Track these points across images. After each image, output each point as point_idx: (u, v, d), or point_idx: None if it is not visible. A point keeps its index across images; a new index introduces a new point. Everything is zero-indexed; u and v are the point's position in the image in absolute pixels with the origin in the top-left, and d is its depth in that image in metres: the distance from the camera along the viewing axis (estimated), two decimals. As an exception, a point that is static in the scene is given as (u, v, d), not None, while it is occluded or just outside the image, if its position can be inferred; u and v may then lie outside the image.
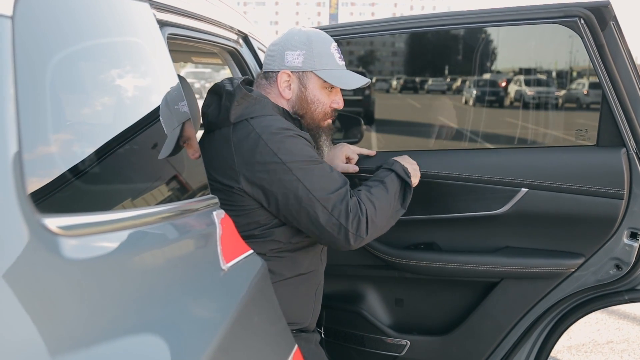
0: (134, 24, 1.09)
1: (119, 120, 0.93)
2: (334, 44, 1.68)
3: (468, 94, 12.86)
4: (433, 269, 2.02)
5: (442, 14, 1.92)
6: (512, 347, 2.04)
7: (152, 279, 0.80)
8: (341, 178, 1.53)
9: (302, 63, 1.63)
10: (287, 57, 1.64)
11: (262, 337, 0.99)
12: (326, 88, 1.65)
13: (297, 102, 1.65)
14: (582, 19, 1.69)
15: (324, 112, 1.67)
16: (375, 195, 1.55)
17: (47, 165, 0.72)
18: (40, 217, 0.66)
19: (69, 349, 0.62)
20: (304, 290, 1.67)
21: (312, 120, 1.66)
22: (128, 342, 0.70)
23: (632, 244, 1.81)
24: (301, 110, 1.65)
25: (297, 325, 1.65)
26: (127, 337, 0.71)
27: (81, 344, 0.64)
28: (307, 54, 1.62)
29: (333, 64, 1.65)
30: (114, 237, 0.78)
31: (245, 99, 1.55)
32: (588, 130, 1.92)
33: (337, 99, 1.69)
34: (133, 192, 0.94)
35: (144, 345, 0.72)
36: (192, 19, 1.61)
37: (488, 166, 1.93)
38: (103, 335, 0.68)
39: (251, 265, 1.11)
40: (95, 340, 0.66)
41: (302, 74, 1.64)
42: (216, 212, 1.11)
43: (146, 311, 0.75)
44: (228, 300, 0.92)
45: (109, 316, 0.70)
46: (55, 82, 0.77)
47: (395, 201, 1.60)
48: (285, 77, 1.64)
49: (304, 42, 1.64)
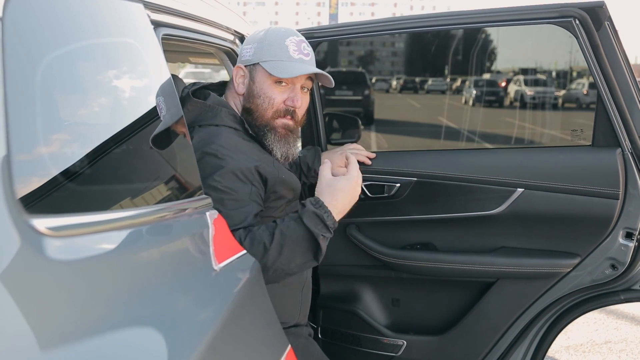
0: (127, 25, 1.09)
1: (110, 121, 0.93)
2: (294, 37, 1.58)
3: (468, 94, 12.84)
4: (429, 269, 2.02)
5: (438, 14, 1.92)
6: (508, 347, 2.04)
7: (142, 280, 0.80)
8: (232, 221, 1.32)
9: (252, 55, 1.59)
10: (243, 52, 1.62)
11: (255, 337, 0.99)
12: (278, 83, 1.56)
13: (247, 96, 1.59)
14: (577, 19, 1.69)
15: (274, 109, 1.56)
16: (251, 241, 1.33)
17: (36, 165, 0.72)
18: (29, 217, 0.66)
19: (56, 349, 0.62)
20: (289, 289, 1.65)
21: (260, 117, 1.57)
22: (117, 342, 0.70)
23: (627, 244, 1.81)
24: (248, 104, 1.58)
25: (285, 324, 1.64)
26: (116, 337, 0.71)
27: (69, 345, 0.64)
28: (257, 47, 1.58)
29: (283, 56, 1.55)
30: (104, 237, 0.78)
31: (194, 106, 1.54)
32: (584, 130, 1.93)
33: (293, 96, 1.57)
34: (124, 192, 0.94)
35: (133, 345, 0.72)
36: (187, 20, 1.61)
37: (484, 166, 1.93)
38: (92, 335, 0.68)
39: (244, 265, 1.11)
40: (84, 341, 0.66)
41: (252, 67, 1.59)
42: (209, 213, 1.11)
43: (135, 311, 0.75)
44: (219, 300, 0.92)
45: (98, 317, 0.70)
46: (46, 83, 0.77)
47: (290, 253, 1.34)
48: (241, 72, 1.61)
49: (258, 36, 1.61)
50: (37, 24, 0.79)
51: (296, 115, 1.59)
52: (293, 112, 1.58)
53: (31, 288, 0.64)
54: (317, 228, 1.34)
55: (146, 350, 0.73)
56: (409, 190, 1.99)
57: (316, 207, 1.36)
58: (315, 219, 1.35)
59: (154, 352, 0.73)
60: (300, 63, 1.56)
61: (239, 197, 1.39)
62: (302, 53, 1.57)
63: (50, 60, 0.80)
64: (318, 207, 1.36)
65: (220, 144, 1.45)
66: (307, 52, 1.60)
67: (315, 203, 1.38)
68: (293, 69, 1.54)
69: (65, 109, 0.83)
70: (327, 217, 1.36)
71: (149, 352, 0.73)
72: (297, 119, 1.60)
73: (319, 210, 1.36)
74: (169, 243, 0.93)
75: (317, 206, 1.37)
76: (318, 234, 1.34)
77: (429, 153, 2.15)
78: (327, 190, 1.41)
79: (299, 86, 1.59)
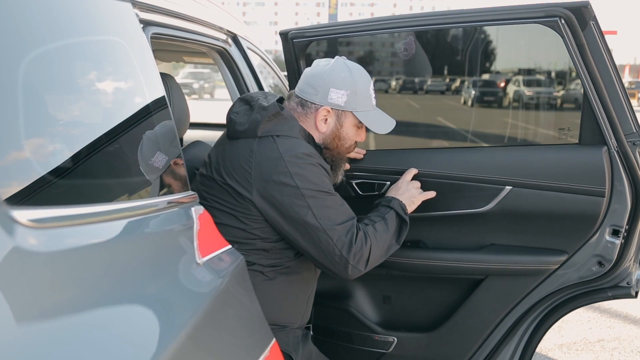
0: (114, 23, 1.11)
1: (95, 116, 0.95)
2: (372, 83, 1.73)
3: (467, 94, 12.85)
4: (419, 267, 2.03)
5: (424, 14, 1.94)
6: (497, 343, 2.06)
7: (123, 272, 0.82)
8: (349, 212, 1.60)
9: (345, 103, 1.67)
10: (332, 95, 1.67)
11: (237, 330, 1.01)
12: (357, 126, 1.73)
13: (329, 136, 1.71)
14: (563, 18, 1.70)
15: (350, 146, 1.76)
16: (379, 232, 1.62)
17: (17, 159, 0.74)
18: (10, 209, 0.67)
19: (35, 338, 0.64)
20: (299, 295, 1.71)
21: (338, 154, 1.75)
22: (97, 333, 0.72)
23: (613, 241, 1.82)
24: (331, 144, 1.72)
25: (286, 325, 1.68)
26: (96, 328, 0.73)
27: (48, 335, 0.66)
28: (350, 95, 1.67)
29: (370, 105, 1.71)
30: (87, 230, 0.80)
31: (276, 117, 1.61)
32: (570, 128, 1.94)
33: (362, 134, 1.76)
34: (109, 186, 0.96)
35: (114, 334, 0.74)
36: (178, 19, 1.63)
37: (473, 164, 1.94)
38: (72, 327, 0.70)
39: (228, 259, 1.13)
40: (63, 332, 0.68)
41: (341, 112, 1.69)
42: (194, 208, 1.13)
43: (116, 302, 0.77)
44: (201, 292, 0.94)
45: (79, 308, 0.72)
46: (29, 79, 0.79)
47: (392, 238, 1.67)
48: (325, 112, 1.69)
49: (349, 82, 1.67)
50: (21, 21, 0.81)
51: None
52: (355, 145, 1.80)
53: (12, 280, 0.65)
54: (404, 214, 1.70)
55: (126, 340, 0.75)
56: None
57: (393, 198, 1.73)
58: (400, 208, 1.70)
59: (133, 342, 0.75)
60: (380, 112, 1.76)
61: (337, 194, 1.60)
62: (375, 98, 1.75)
63: (33, 58, 0.82)
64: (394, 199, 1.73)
65: (307, 153, 1.57)
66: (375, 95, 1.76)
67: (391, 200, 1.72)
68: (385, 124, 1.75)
69: (48, 105, 0.85)
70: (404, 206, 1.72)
71: (129, 342, 0.75)
72: None
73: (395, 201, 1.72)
74: (152, 236, 0.95)
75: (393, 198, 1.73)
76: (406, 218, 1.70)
77: (418, 151, 2.17)
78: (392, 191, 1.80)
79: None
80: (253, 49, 2.55)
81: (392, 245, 1.68)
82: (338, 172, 1.78)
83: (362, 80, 1.70)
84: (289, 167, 1.51)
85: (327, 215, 1.53)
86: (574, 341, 3.39)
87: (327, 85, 1.66)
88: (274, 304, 1.59)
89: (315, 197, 1.53)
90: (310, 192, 1.52)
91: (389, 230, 1.65)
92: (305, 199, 1.51)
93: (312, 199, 1.52)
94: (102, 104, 0.99)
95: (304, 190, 1.51)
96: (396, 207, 1.70)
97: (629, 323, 3.68)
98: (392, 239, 1.67)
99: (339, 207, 1.58)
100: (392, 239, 1.67)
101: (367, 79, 1.72)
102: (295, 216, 1.52)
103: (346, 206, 1.61)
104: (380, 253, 1.63)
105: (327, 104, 1.67)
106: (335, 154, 1.74)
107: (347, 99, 1.67)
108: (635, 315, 3.77)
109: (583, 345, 3.33)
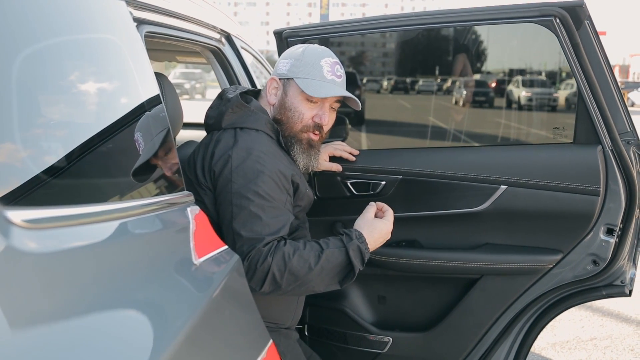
0: (108, 22, 1.09)
1: (89, 116, 0.93)
2: (330, 59, 1.66)
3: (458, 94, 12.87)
4: (415, 266, 2.03)
5: (420, 13, 1.94)
6: (492, 342, 2.06)
7: (119, 273, 0.81)
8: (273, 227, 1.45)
9: (288, 70, 1.66)
10: (278, 65, 1.70)
11: (234, 330, 1.00)
12: (309, 100, 1.64)
13: (278, 107, 1.68)
14: (558, 18, 1.71)
15: (303, 123, 1.65)
16: (299, 259, 1.43)
17: (11, 158, 0.72)
18: (4, 209, 0.66)
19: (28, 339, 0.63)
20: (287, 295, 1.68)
21: (289, 129, 1.66)
22: (92, 334, 0.71)
23: (608, 239, 1.83)
24: (279, 116, 1.67)
25: (277, 325, 1.67)
26: (92, 329, 0.72)
27: (42, 337, 0.65)
28: (294, 63, 1.66)
29: (317, 75, 1.63)
30: (82, 230, 0.79)
31: (240, 108, 1.61)
32: (565, 128, 1.95)
33: (321, 114, 1.65)
34: (104, 187, 0.95)
35: (110, 336, 0.73)
36: (172, 18, 1.62)
37: (468, 164, 1.95)
38: (67, 328, 0.69)
39: (224, 260, 1.12)
40: (58, 334, 0.67)
41: (286, 81, 1.67)
42: (190, 208, 1.12)
43: (112, 303, 0.76)
44: (198, 293, 0.93)
45: (74, 309, 0.71)
46: (22, 78, 0.78)
47: (325, 276, 1.48)
48: (275, 83, 1.68)
49: (297, 53, 1.68)
50: (14, 19, 0.80)
51: (322, 131, 1.69)
52: (320, 128, 1.67)
53: (6, 281, 0.64)
54: (357, 261, 1.49)
55: (124, 341, 0.74)
56: (394, 188, 2.00)
57: (360, 242, 1.51)
58: (358, 253, 1.50)
59: (129, 344, 0.73)
60: (332, 84, 1.64)
61: (277, 205, 1.49)
62: (335, 75, 1.65)
63: (26, 56, 0.80)
64: (362, 242, 1.52)
65: (261, 150, 1.53)
66: (340, 74, 1.67)
67: (359, 237, 1.52)
68: (325, 90, 1.62)
69: (42, 104, 0.84)
70: (366, 253, 1.52)
71: (126, 344, 0.74)
72: (322, 134, 1.70)
73: (362, 245, 1.51)
74: (148, 237, 0.94)
75: (361, 241, 1.52)
76: (357, 266, 1.49)
77: (414, 151, 2.16)
78: (367, 227, 1.57)
79: (328, 105, 1.67)
80: (246, 49, 2.54)
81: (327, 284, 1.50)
82: (294, 155, 1.65)
83: (311, 51, 1.67)
84: (233, 160, 1.49)
85: (243, 219, 1.44)
86: (567, 340, 3.40)
87: (279, 59, 1.72)
88: (262, 302, 1.56)
89: (243, 196, 1.45)
90: (240, 191, 1.46)
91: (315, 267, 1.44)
92: (232, 195, 1.46)
93: (238, 197, 1.45)
94: (96, 103, 0.97)
95: (234, 186, 1.46)
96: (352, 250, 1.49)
97: (621, 321, 3.70)
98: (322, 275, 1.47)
99: (264, 216, 1.44)
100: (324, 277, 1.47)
101: (321, 52, 1.67)
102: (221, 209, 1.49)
103: (277, 219, 1.46)
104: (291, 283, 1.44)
105: (275, 74, 1.70)
106: (287, 128, 1.65)
107: (290, 66, 1.66)
108: (627, 314, 3.79)
109: (575, 344, 3.35)
